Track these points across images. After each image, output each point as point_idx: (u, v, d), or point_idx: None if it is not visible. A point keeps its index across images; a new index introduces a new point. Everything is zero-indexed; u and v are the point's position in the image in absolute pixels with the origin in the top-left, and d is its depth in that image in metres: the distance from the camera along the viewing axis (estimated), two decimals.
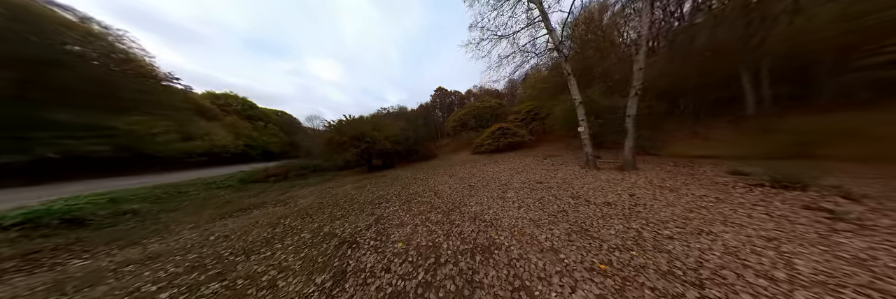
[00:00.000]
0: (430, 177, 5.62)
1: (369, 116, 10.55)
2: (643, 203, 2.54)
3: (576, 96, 4.75)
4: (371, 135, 7.85)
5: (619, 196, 2.86)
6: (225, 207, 4.49)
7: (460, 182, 4.61)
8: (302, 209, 3.64)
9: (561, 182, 3.87)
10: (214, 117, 19.08)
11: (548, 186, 3.64)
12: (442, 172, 6.36)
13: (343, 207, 3.47)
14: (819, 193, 2.34)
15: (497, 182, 4.31)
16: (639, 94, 4.02)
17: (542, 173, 4.77)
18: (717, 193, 2.65)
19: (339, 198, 4.22)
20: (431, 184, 4.60)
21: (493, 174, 5.22)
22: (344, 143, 7.64)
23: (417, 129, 12.59)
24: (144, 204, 4.78)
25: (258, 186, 7.12)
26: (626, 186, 3.26)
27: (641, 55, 3.90)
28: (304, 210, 3.55)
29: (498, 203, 2.95)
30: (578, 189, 3.34)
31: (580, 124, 4.78)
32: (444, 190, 4.00)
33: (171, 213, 4.25)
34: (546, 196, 3.09)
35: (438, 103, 23.95)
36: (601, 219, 2.15)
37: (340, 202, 3.85)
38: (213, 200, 5.36)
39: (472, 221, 2.36)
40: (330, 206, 3.59)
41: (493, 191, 3.58)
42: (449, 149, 14.77)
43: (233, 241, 2.44)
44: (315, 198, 4.44)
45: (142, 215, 4.11)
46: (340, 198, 4.22)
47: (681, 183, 3.23)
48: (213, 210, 4.35)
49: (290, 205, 4.10)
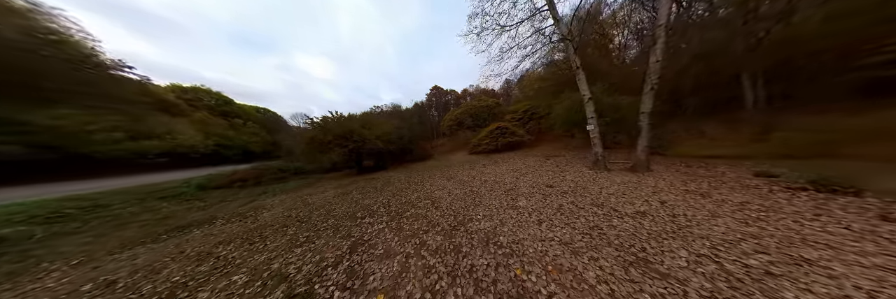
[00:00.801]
0: (425, 181, 5.01)
1: (360, 114, 9.74)
2: (682, 212, 2.10)
3: (585, 92, 4.35)
4: (360, 133, 7.06)
5: (648, 203, 2.41)
6: (156, 226, 3.47)
7: (461, 186, 4.03)
8: (260, 227, 2.83)
9: (574, 186, 3.41)
10: (181, 113, 16.82)
11: (561, 191, 3.17)
12: (439, 174, 5.77)
13: (313, 224, 2.71)
14: (879, 199, 2.03)
15: (502, 186, 3.79)
16: (654, 89, 3.67)
17: (549, 175, 4.31)
18: (759, 199, 2.27)
19: (314, 209, 3.47)
20: (428, 190, 3.99)
21: (496, 176, 4.71)
22: (329, 143, 6.81)
23: (412, 128, 11.87)
24: (28, 226, 3.40)
25: (219, 194, 5.98)
26: (649, 191, 2.85)
27: (659, 46, 3.55)
28: (262, 229, 2.74)
29: (510, 215, 2.40)
30: (597, 194, 2.88)
31: (588, 122, 4.38)
32: (442, 197, 3.37)
33: (63, 240, 3.04)
34: (564, 204, 2.59)
35: (434, 102, 23.32)
36: (652, 240, 1.64)
37: (313, 216, 3.08)
38: (143, 216, 4.13)
39: (483, 246, 1.75)
40: (297, 223, 2.83)
41: (501, 198, 3.04)
42: (445, 149, 14.18)
43: (117, 294, 1.57)
44: (283, 210, 3.63)
45: (10, 244, 2.88)
46: (315, 209, 3.47)
47: (707, 186, 2.85)
48: (134, 231, 3.30)
49: (249, 220, 3.25)
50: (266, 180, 7.33)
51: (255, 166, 8.85)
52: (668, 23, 3.49)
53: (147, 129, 11.20)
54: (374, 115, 11.90)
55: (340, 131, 6.89)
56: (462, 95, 23.13)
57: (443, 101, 22.93)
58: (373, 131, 7.54)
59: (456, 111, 14.13)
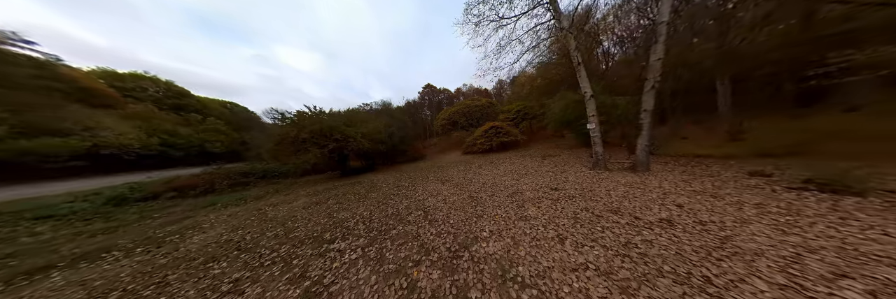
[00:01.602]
0: (417, 185, 4.45)
1: (345, 110, 8.83)
2: (707, 218, 1.88)
3: (586, 89, 4.17)
4: (342, 131, 6.14)
5: (666, 208, 2.18)
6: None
7: (458, 191, 3.58)
8: (173, 262, 1.96)
9: (580, 188, 3.14)
10: (111, 104, 13.42)
11: (569, 195, 2.86)
12: (433, 177, 5.23)
13: (257, 255, 1.94)
14: (883, 200, 1.98)
15: (504, 189, 3.41)
16: (656, 88, 3.58)
17: (551, 177, 4.04)
18: (770, 200, 2.14)
19: (269, 227, 2.65)
20: (420, 197, 3.44)
21: (495, 178, 4.34)
22: (304, 141, 5.80)
23: (403, 127, 11.19)
24: None
25: (142, 209, 4.51)
26: (658, 192, 2.66)
27: (660, 44, 3.45)
28: (172, 266, 1.88)
29: (522, 229, 1.96)
30: (608, 198, 2.62)
31: (589, 121, 4.21)
32: (437, 207, 2.84)
33: None
34: (579, 212, 2.25)
35: (427, 101, 22.68)
36: (706, 262, 1.30)
37: (263, 240, 2.27)
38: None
39: (499, 286, 1.25)
40: (234, 253, 2.04)
41: (506, 206, 2.63)
42: (438, 148, 13.68)
43: None
44: (224, 231, 2.74)
45: None
46: (271, 227, 2.65)
47: (711, 186, 2.74)
48: None
49: (164, 249, 2.32)
50: (221, 187, 6.03)
51: (208, 170, 7.21)
52: (670, 20, 3.41)
53: (51, 124, 7.97)
54: (362, 113, 10.50)
55: (318, 128, 5.94)
56: (455, 95, 22.80)
57: (436, 100, 22.38)
58: (358, 129, 6.64)
59: (449, 109, 13.70)
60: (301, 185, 6.12)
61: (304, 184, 6.40)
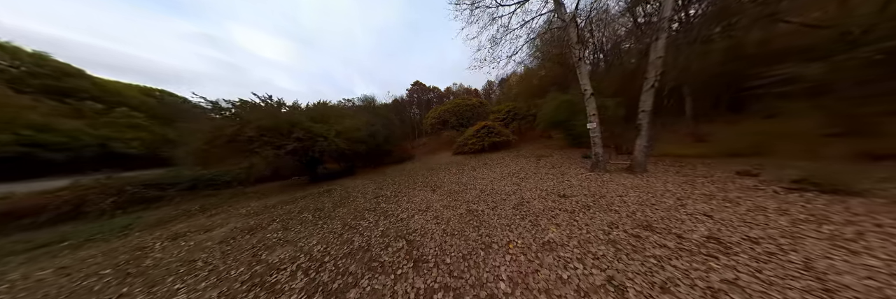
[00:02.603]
0: (402, 194, 3.61)
1: (315, 103, 6.96)
2: (757, 235, 1.53)
3: (586, 86, 3.91)
4: (308, 128, 4.81)
5: (698, 221, 1.84)
6: None
7: (452, 202, 2.87)
8: None
9: (589, 194, 2.75)
10: None
11: (583, 205, 2.40)
12: (421, 182, 4.45)
13: None
14: (888, 200, 1.96)
15: (506, 198, 2.84)
16: (655, 87, 3.45)
17: (552, 180, 3.65)
18: (788, 205, 1.97)
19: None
20: (403, 213, 2.62)
21: (493, 183, 3.79)
22: (251, 140, 4.26)
23: (389, 125, 10.17)
24: None
25: None
26: (673, 199, 2.38)
27: (661, 41, 3.32)
28: None
29: (555, 271, 1.35)
30: (627, 208, 2.23)
31: (590, 120, 3.98)
32: (427, 231, 2.08)
33: None
34: (610, 231, 1.76)
35: (416, 99, 21.68)
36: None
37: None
38: None
39: None
40: None
41: (517, 224, 2.02)
42: (427, 149, 12.89)
43: None
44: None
45: None
46: None
47: (716, 188, 2.58)
48: None
49: None
50: (102, 208, 3.82)
51: (82, 181, 4.58)
52: (671, 17, 3.31)
53: None
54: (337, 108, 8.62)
55: (272, 124, 4.47)
56: (445, 94, 22.18)
57: (425, 99, 21.51)
58: (332, 127, 5.35)
59: (440, 108, 13.04)
60: (248, 198, 4.61)
61: (252, 195, 4.85)
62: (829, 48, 3.82)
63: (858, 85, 3.67)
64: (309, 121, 5.07)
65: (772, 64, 4.35)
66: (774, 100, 4.37)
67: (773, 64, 4.32)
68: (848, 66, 3.65)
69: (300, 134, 4.69)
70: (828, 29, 3.84)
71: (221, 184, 5.66)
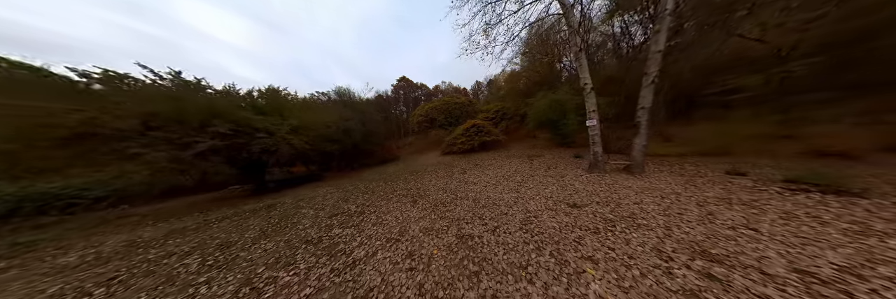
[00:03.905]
0: (371, 208, 2.68)
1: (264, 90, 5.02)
2: (844, 262, 1.15)
3: (586, 80, 3.55)
4: (239, 120, 3.35)
5: (743, 236, 1.46)
6: None
7: (438, 221, 2.10)
8: None
9: (603, 202, 2.29)
10: None
11: (606, 219, 1.89)
12: (401, 189, 3.58)
13: None
14: (893, 203, 1.87)
15: (508, 212, 2.20)
16: (656, 83, 3.24)
17: (554, 184, 3.18)
18: (813, 210, 1.74)
19: None
20: (363, 248, 1.75)
21: (488, 189, 3.16)
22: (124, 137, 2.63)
23: (369, 121, 8.70)
24: None
25: None
26: (694, 204, 2.06)
27: (662, 34, 3.09)
28: None
29: None
30: (653, 220, 1.78)
31: (590, 117, 3.65)
32: (393, 290, 1.21)
33: None
34: (677, 270, 1.21)
35: (402, 96, 20.36)
36: None
37: None
38: None
39: None
40: None
41: (534, 263, 1.34)
42: (414, 148, 11.94)
43: None
44: None
45: None
46: None
47: (723, 190, 2.36)
48: None
49: None
50: None
51: None
52: (675, 9, 3.12)
53: None
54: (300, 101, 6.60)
55: (173, 112, 2.89)
56: (434, 92, 21.29)
57: (412, 96, 20.34)
58: (285, 121, 3.99)
59: (427, 105, 12.18)
60: (127, 224, 2.93)
61: (140, 219, 3.09)
62: (766, 62, 4.30)
63: (787, 95, 4.20)
64: (247, 112, 3.61)
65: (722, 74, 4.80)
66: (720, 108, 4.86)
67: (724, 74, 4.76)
68: (778, 79, 4.16)
69: (224, 128, 3.15)
70: (767, 44, 4.24)
71: (95, 201, 3.55)
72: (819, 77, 3.89)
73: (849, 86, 3.64)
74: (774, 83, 4.41)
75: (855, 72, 3.76)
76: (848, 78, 3.66)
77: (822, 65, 3.76)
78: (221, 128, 3.13)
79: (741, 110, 4.73)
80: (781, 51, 4.30)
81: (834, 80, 3.85)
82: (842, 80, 3.79)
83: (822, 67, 3.79)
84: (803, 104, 4.12)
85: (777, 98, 4.41)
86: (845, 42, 3.52)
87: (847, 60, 3.69)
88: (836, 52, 3.63)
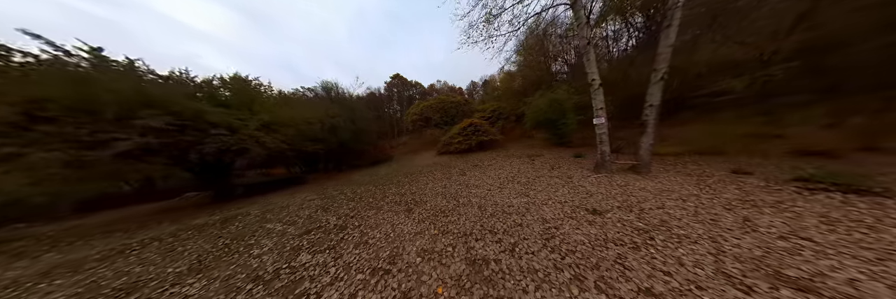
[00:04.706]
0: (355, 222, 2.17)
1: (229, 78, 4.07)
2: None
3: (594, 76, 3.32)
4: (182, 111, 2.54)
5: (820, 254, 1.21)
6: None
7: (439, 237, 1.67)
8: None
9: (624, 207, 2.02)
10: None
11: (638, 229, 1.60)
12: (393, 195, 3.10)
13: None
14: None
15: (524, 222, 1.83)
16: (665, 79, 3.09)
17: (564, 187, 2.89)
18: (851, 213, 1.59)
19: None
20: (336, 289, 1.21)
21: (493, 193, 2.80)
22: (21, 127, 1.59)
23: (360, 119, 8.03)
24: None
25: None
26: (721, 207, 1.85)
27: (673, 28, 2.96)
28: None
29: None
30: (693, 230, 1.52)
31: (597, 114, 3.43)
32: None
33: None
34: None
35: (396, 94, 19.61)
36: None
37: None
38: None
39: None
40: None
41: None
42: (408, 148, 11.35)
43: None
44: None
45: None
46: None
47: (739, 191, 2.22)
48: None
49: None
50: None
51: None
52: (686, 1, 2.98)
53: None
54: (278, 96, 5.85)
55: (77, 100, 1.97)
56: (429, 91, 20.76)
57: (406, 95, 19.66)
58: (254, 116, 3.29)
59: (422, 104, 11.67)
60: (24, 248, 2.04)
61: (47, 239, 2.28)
62: (750, 66, 4.49)
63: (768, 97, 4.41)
64: (202, 104, 2.78)
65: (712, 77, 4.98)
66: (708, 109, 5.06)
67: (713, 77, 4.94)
68: (761, 82, 4.36)
69: (158, 121, 2.32)
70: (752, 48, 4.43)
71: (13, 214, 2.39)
72: (795, 80, 4.07)
73: (823, 89, 3.82)
74: (757, 86, 4.59)
75: (828, 76, 3.94)
76: (822, 82, 3.84)
77: (798, 69, 3.94)
78: (154, 121, 2.28)
79: (727, 111, 4.87)
80: (763, 55, 4.47)
81: (809, 84, 4.02)
82: (817, 84, 3.96)
83: (798, 72, 3.97)
84: (782, 106, 4.32)
85: (760, 100, 4.58)
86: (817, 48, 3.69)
87: (819, 66, 3.86)
88: (810, 58, 3.80)
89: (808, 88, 3.96)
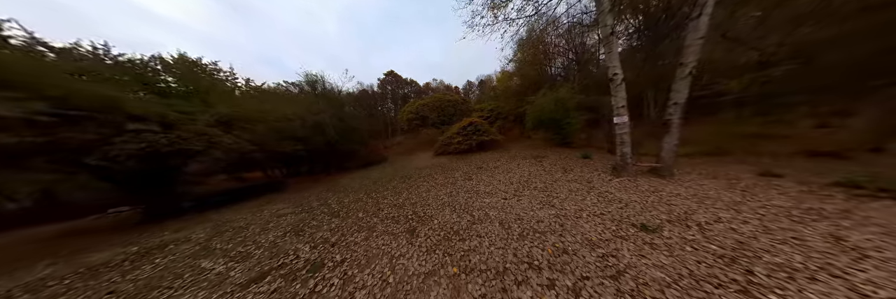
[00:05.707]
0: (346, 245, 1.51)
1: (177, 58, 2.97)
2: None
3: (616, 69, 2.96)
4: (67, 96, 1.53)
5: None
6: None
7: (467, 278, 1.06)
8: None
9: (676, 221, 1.63)
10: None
11: (716, 255, 1.15)
12: (389, 206, 2.51)
13: None
14: None
15: (564, 243, 1.33)
16: (693, 74, 2.82)
17: (588, 194, 2.49)
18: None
19: None
20: None
21: (509, 203, 2.32)
22: None
23: (350, 117, 7.37)
24: None
25: None
26: (788, 219, 1.51)
27: (704, 17, 2.70)
28: None
29: None
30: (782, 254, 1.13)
31: (618, 113, 3.08)
32: None
33: None
34: None
35: (390, 92, 18.71)
36: None
37: None
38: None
39: None
40: None
41: None
42: (403, 148, 10.67)
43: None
44: None
45: None
46: None
47: (786, 197, 1.97)
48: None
49: None
50: None
51: None
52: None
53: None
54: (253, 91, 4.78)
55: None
56: (425, 89, 20.06)
57: (401, 93, 18.83)
58: (209, 109, 2.49)
59: (418, 102, 11.03)
60: None
61: None
62: (749, 67, 4.50)
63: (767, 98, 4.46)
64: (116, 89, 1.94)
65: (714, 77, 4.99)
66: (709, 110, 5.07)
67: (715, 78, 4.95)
68: (759, 83, 4.39)
69: (16, 111, 1.41)
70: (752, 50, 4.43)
71: None
72: (793, 81, 4.09)
73: (818, 89, 3.85)
74: (756, 86, 4.59)
75: (824, 77, 3.96)
76: (818, 83, 3.86)
77: (795, 71, 3.96)
78: (5, 109, 1.42)
79: (728, 112, 4.84)
80: (762, 56, 4.47)
81: (806, 85, 4.04)
82: (813, 85, 3.98)
83: (795, 73, 3.99)
84: (780, 106, 4.33)
85: (759, 100, 4.58)
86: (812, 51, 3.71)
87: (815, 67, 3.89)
88: (806, 60, 3.82)
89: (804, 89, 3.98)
